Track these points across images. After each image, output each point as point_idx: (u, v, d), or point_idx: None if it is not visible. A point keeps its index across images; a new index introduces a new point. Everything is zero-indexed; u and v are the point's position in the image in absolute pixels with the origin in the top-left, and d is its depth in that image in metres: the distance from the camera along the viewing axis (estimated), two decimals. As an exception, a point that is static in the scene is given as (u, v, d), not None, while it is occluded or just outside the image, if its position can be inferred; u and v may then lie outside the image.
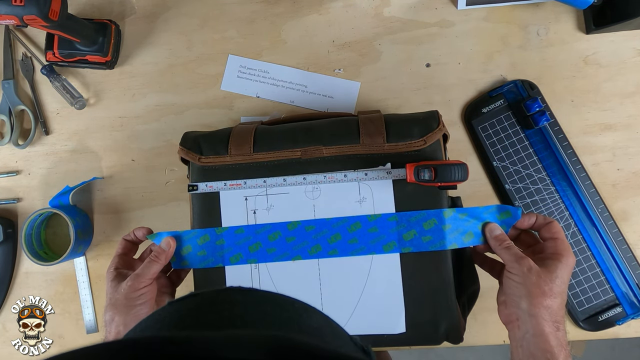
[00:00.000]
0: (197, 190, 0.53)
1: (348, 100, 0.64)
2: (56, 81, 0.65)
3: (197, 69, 0.66)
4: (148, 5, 0.67)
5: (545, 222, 0.47)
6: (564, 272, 0.43)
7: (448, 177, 0.46)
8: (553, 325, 0.41)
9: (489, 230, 0.48)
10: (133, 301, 0.47)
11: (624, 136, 0.61)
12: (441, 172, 0.46)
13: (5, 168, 0.68)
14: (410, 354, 1.44)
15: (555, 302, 0.42)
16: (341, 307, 0.51)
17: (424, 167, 0.47)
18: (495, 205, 0.49)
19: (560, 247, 0.44)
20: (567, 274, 0.43)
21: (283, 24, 0.65)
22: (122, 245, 0.53)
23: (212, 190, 0.53)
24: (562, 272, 0.43)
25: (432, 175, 0.47)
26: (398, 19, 0.64)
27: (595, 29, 0.60)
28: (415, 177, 0.47)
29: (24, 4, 0.52)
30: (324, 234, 0.51)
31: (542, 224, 0.47)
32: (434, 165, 0.47)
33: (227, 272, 0.53)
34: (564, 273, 0.43)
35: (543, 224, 0.47)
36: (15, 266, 0.67)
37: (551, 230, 0.45)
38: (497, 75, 0.63)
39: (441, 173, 0.46)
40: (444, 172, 0.46)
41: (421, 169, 0.47)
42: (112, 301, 0.48)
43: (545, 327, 0.41)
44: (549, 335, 0.41)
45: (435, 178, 0.47)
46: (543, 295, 0.42)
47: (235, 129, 0.55)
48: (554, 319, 0.42)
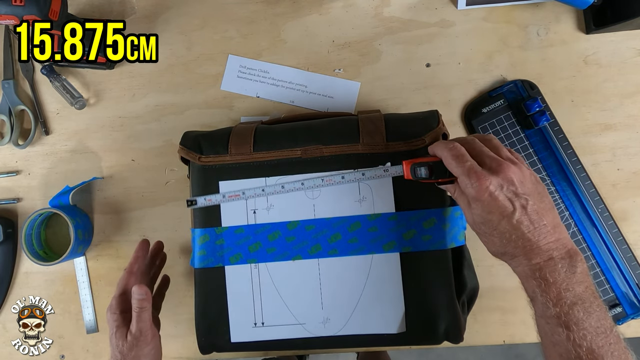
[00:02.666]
0: (197, 204, 0.53)
1: (348, 100, 0.64)
2: (56, 81, 0.66)
3: (197, 69, 0.66)
4: (148, 5, 0.67)
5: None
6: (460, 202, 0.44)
7: (444, 173, 0.45)
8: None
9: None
10: (146, 355, 0.51)
11: (624, 136, 0.61)
12: (437, 169, 0.46)
13: (5, 168, 0.68)
14: (410, 354, 1.44)
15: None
16: (341, 306, 0.51)
17: (421, 165, 0.46)
18: None
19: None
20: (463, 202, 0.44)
21: (283, 24, 0.66)
22: (124, 282, 0.53)
23: (211, 204, 0.53)
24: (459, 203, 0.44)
25: (429, 172, 0.46)
26: (398, 19, 0.64)
27: (595, 29, 0.60)
28: (412, 175, 0.47)
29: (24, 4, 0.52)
30: (324, 233, 0.51)
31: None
32: (429, 163, 0.46)
33: (227, 272, 0.53)
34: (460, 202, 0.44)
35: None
36: (15, 266, 0.67)
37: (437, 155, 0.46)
38: (497, 75, 0.63)
39: (437, 170, 0.46)
40: (440, 168, 0.45)
41: (417, 167, 0.46)
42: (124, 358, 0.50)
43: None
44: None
45: (431, 175, 0.46)
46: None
47: (235, 128, 0.55)
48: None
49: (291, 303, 0.52)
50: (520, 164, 0.42)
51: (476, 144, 0.44)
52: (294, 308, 0.52)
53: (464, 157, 0.42)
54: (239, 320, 0.52)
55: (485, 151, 0.43)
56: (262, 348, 0.53)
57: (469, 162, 0.42)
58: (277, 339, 0.52)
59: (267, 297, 0.52)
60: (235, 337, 0.52)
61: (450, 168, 0.43)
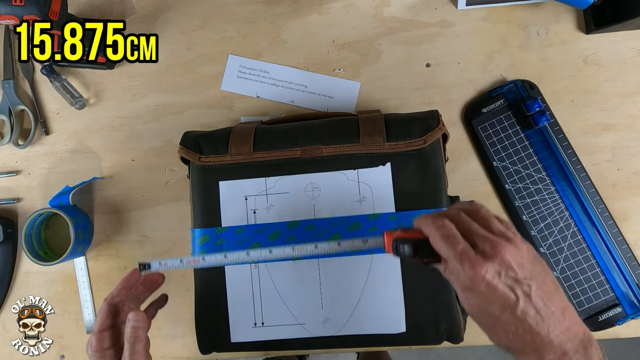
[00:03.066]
0: (150, 269, 0.46)
1: (348, 100, 0.64)
2: (56, 81, 0.66)
3: (197, 69, 0.66)
4: (148, 5, 0.67)
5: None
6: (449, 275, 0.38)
7: (431, 254, 0.38)
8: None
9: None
10: None
11: (624, 136, 0.61)
12: (423, 247, 0.38)
13: (5, 168, 0.68)
14: (410, 354, 1.44)
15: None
16: (341, 307, 0.51)
17: (404, 241, 0.39)
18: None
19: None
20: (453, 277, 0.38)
21: (283, 24, 0.66)
22: (104, 314, 0.46)
23: (166, 269, 0.46)
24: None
25: (412, 251, 0.39)
26: (398, 19, 0.64)
27: (595, 29, 0.60)
28: (393, 251, 0.40)
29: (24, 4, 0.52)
30: (324, 233, 0.51)
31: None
32: (414, 240, 0.39)
33: (227, 272, 0.53)
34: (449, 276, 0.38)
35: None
36: (15, 266, 0.67)
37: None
38: (497, 75, 0.63)
39: (423, 248, 0.38)
40: (426, 247, 0.38)
41: (400, 243, 0.39)
42: None
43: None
44: None
45: (415, 254, 0.39)
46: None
47: (235, 128, 0.55)
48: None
49: (291, 303, 0.52)
50: (514, 239, 0.37)
51: (463, 219, 0.38)
52: (293, 308, 0.52)
53: (454, 239, 0.37)
54: (238, 321, 0.52)
55: (474, 229, 0.37)
56: (262, 348, 0.53)
57: (460, 245, 0.36)
58: (277, 339, 0.52)
59: (267, 297, 0.52)
60: (235, 337, 0.52)
61: (439, 249, 0.37)
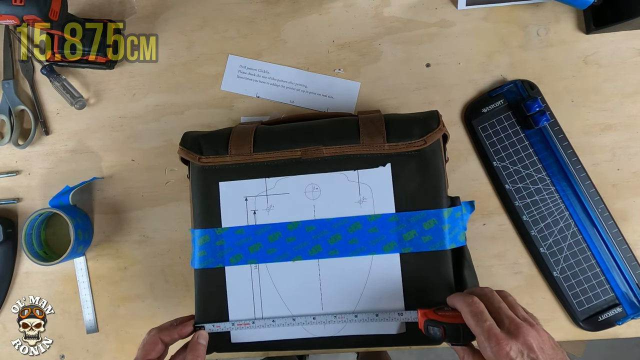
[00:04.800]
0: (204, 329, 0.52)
1: (348, 100, 0.64)
2: (56, 81, 0.65)
3: (197, 69, 0.66)
4: (148, 5, 0.67)
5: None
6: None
7: (458, 338, 0.44)
8: None
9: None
10: None
11: (624, 136, 0.61)
12: (451, 331, 0.44)
13: (5, 168, 0.68)
14: (411, 354, 1.44)
15: None
16: (341, 307, 0.51)
17: (435, 324, 0.45)
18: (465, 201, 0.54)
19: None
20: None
21: (283, 24, 0.65)
22: (152, 344, 0.48)
23: (219, 330, 0.52)
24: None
25: (442, 334, 0.45)
26: (398, 19, 0.64)
27: (595, 29, 0.60)
28: (424, 330, 0.47)
29: (24, 4, 0.52)
30: (324, 234, 0.51)
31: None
32: (444, 324, 0.45)
33: (227, 272, 0.53)
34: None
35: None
36: (15, 266, 0.67)
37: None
38: (497, 75, 0.63)
39: (451, 333, 0.44)
40: (453, 331, 0.44)
41: (431, 325, 0.46)
42: None
43: None
44: None
45: (444, 337, 0.45)
46: None
47: (235, 129, 0.55)
48: None
49: (291, 303, 0.52)
50: (537, 327, 0.41)
51: (495, 299, 0.43)
52: (294, 308, 0.52)
53: (483, 315, 0.41)
54: (239, 320, 0.52)
55: (504, 309, 0.42)
56: (262, 348, 0.53)
57: (489, 322, 0.40)
58: (277, 339, 0.52)
59: (267, 298, 0.52)
60: (235, 337, 0.52)
61: (469, 324, 0.42)
